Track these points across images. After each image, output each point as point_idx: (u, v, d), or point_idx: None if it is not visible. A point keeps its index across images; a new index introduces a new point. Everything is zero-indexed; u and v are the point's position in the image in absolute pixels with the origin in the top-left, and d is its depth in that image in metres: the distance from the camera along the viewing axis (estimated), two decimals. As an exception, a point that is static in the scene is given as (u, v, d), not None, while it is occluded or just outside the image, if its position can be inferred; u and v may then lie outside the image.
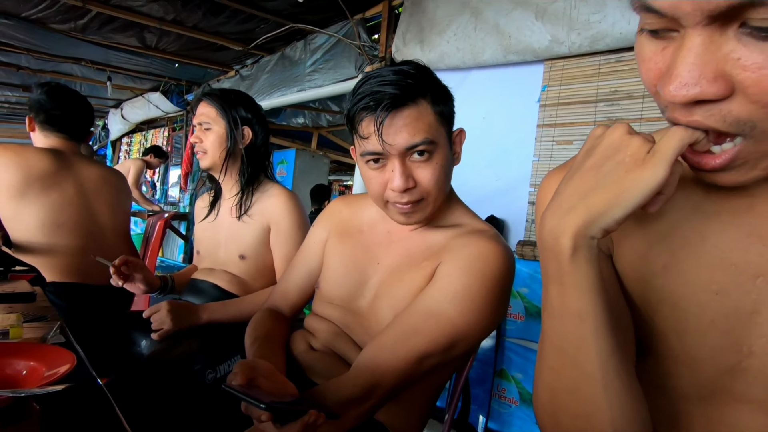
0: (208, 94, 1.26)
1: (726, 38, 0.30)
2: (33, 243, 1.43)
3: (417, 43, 2.24)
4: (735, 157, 0.34)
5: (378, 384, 0.68)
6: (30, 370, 0.43)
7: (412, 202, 0.72)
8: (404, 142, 0.68)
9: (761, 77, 0.29)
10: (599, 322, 0.39)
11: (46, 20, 2.79)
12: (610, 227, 0.37)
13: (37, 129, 1.55)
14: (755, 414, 0.41)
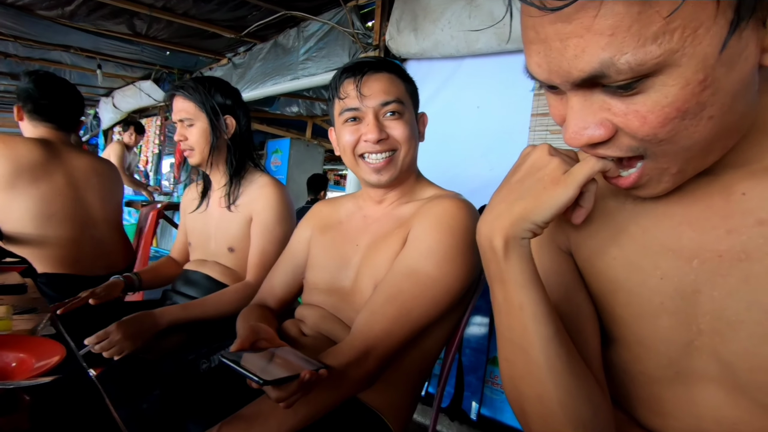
0: (182, 87, 1.21)
1: (596, 94, 0.36)
2: (24, 234, 1.42)
3: (411, 31, 2.21)
4: (639, 178, 0.40)
5: (373, 346, 0.70)
6: (19, 362, 0.43)
7: (384, 151, 0.82)
8: (380, 98, 0.81)
9: (627, 120, 0.36)
10: (538, 310, 0.44)
11: (32, 6, 2.73)
12: (533, 230, 0.43)
13: (25, 118, 1.53)
14: (714, 390, 0.43)
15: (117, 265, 1.63)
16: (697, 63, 0.32)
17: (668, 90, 0.33)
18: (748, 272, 0.40)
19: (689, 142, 0.36)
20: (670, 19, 0.30)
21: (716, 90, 0.33)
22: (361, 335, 0.71)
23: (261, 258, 1.19)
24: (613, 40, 0.31)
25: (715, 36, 0.31)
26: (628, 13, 0.30)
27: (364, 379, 0.71)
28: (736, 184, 0.41)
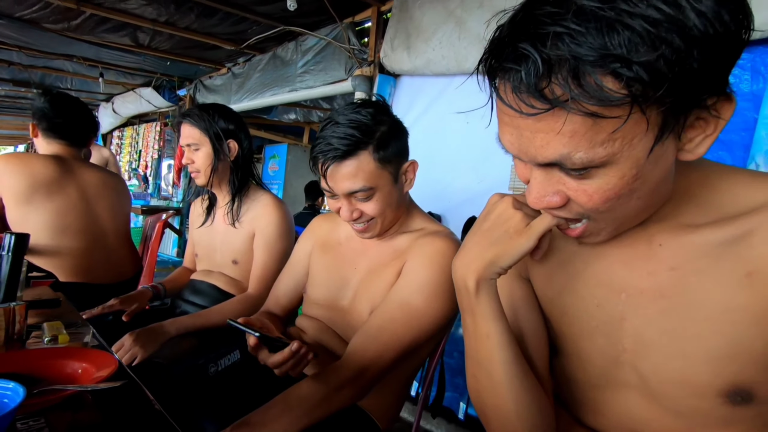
0: (189, 115, 1.32)
1: (555, 172, 0.45)
2: (40, 246, 1.52)
3: (404, 50, 2.33)
4: (583, 231, 0.50)
5: (367, 367, 0.82)
6: (84, 369, 0.54)
7: (362, 222, 0.89)
8: (345, 188, 0.84)
9: (578, 195, 0.45)
10: (501, 339, 0.54)
11: (39, 20, 2.82)
12: (500, 272, 0.53)
13: (40, 135, 1.63)
14: (635, 396, 0.55)
15: (126, 273, 1.74)
16: (632, 162, 0.41)
17: (609, 179, 0.42)
18: (662, 307, 0.51)
19: (622, 213, 0.47)
20: (612, 135, 0.39)
21: (644, 181, 0.43)
22: (357, 357, 0.81)
23: (263, 271, 1.29)
24: (571, 141, 0.39)
25: (645, 144, 0.40)
26: (584, 124, 0.38)
27: (358, 394, 0.83)
28: (657, 235, 0.51)
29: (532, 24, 0.37)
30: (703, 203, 0.50)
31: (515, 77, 0.39)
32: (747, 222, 0.46)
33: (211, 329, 1.23)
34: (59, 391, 0.49)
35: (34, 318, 0.78)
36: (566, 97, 0.37)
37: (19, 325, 0.64)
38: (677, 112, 0.39)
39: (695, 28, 0.35)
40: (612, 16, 0.35)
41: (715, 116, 0.42)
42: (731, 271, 0.46)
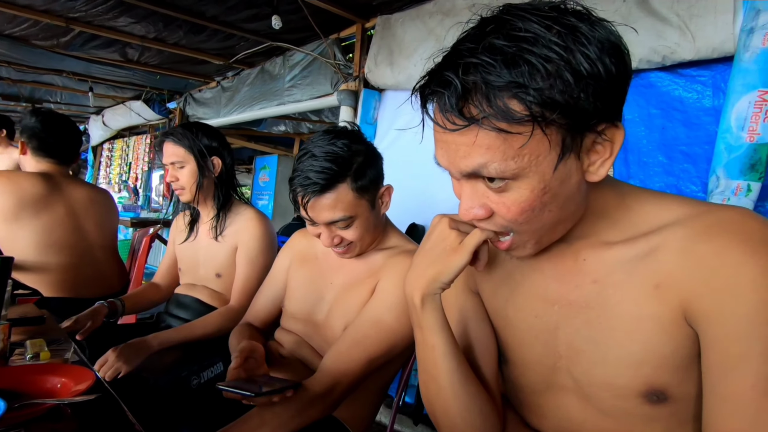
0: (172, 134, 1.35)
1: (480, 185, 0.51)
2: (27, 262, 1.55)
3: (387, 66, 2.40)
4: (510, 245, 0.55)
5: (339, 382, 0.86)
6: (63, 384, 0.58)
7: (341, 248, 0.93)
8: (325, 219, 0.89)
9: (498, 207, 0.51)
10: (446, 349, 0.59)
11: (29, 37, 2.85)
12: (443, 287, 0.57)
13: (29, 153, 1.66)
14: (571, 399, 0.60)
15: (113, 287, 1.76)
16: (540, 177, 0.47)
17: (522, 192, 0.48)
18: (588, 316, 0.56)
19: (538, 225, 0.52)
20: (520, 150, 0.45)
21: (553, 195, 0.49)
22: (329, 372, 0.86)
23: (244, 284, 1.33)
24: (487, 152, 0.46)
25: (550, 162, 0.47)
26: (497, 139, 0.45)
27: (330, 407, 0.87)
28: (581, 251, 0.57)
29: (456, 56, 0.46)
30: (619, 222, 0.56)
31: (441, 99, 0.46)
32: (655, 239, 0.52)
33: (195, 342, 1.26)
34: (39, 404, 0.53)
35: (19, 335, 0.81)
36: (480, 116, 0.44)
37: (2, 343, 0.67)
38: (573, 135, 0.46)
39: (582, 67, 0.43)
40: (515, 52, 0.43)
41: (608, 141, 0.49)
42: (642, 283, 0.52)
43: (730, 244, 0.47)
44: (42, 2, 2.37)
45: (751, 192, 1.36)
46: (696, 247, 0.49)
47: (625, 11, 1.62)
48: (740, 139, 1.36)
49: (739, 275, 0.45)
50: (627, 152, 1.74)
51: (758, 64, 1.32)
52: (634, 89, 1.74)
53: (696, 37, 1.48)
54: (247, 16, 2.51)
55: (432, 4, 2.23)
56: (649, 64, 1.61)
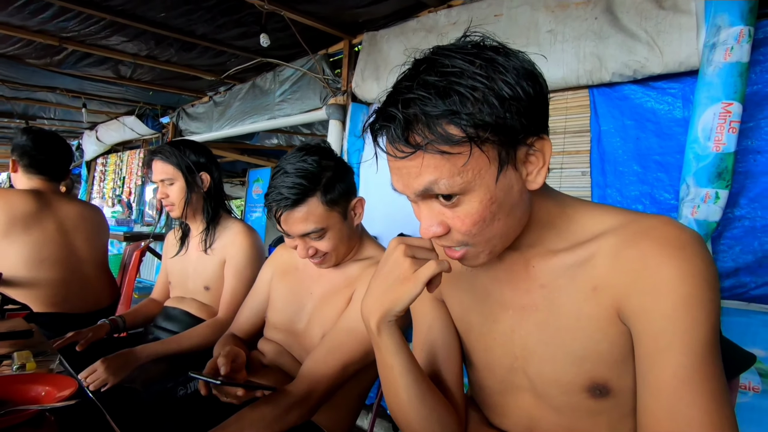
0: (160, 152, 1.39)
1: (435, 204, 0.55)
2: (18, 278, 1.57)
3: (374, 81, 2.46)
4: (464, 254, 0.58)
5: (314, 389, 0.89)
6: (47, 392, 0.61)
7: (317, 258, 0.97)
8: (298, 231, 0.93)
9: (454, 222, 0.55)
10: (403, 369, 0.63)
11: (22, 56, 2.90)
12: (397, 315, 0.60)
13: (20, 171, 1.69)
14: (528, 398, 0.65)
15: (103, 302, 1.78)
16: (485, 189, 0.52)
17: (473, 204, 0.53)
18: (537, 319, 0.61)
19: (490, 234, 0.56)
20: (463, 168, 0.51)
21: (500, 205, 0.53)
22: (306, 380, 0.89)
23: (232, 297, 1.36)
24: (434, 171, 0.51)
25: (491, 175, 0.52)
26: (441, 159, 0.50)
27: (308, 412, 0.90)
28: (531, 258, 0.62)
29: (396, 94, 0.52)
30: (562, 231, 0.61)
31: (388, 132, 0.52)
32: (592, 246, 0.57)
33: (182, 354, 1.28)
34: (22, 410, 0.56)
35: (6, 348, 0.84)
36: (424, 143, 0.50)
37: (-10, 355, 0.70)
38: (507, 149, 0.52)
39: (504, 92, 0.49)
40: (446, 85, 0.49)
41: (539, 152, 0.54)
42: (582, 286, 0.56)
43: (652, 248, 0.52)
44: (36, 23, 2.43)
45: (719, 199, 1.42)
46: (624, 252, 0.54)
47: (597, 28, 1.70)
48: (707, 149, 1.42)
49: (659, 276, 0.50)
50: (604, 162, 1.80)
51: (721, 77, 1.39)
52: (610, 101, 1.81)
53: (663, 52, 1.55)
54: (236, 34, 2.58)
55: (415, 21, 2.30)
56: (621, 78, 1.68)
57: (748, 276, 1.51)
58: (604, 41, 1.68)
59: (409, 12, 2.31)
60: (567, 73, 1.78)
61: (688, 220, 1.45)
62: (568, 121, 1.90)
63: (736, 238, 1.53)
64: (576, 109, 1.88)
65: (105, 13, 2.30)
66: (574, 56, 1.75)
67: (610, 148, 1.79)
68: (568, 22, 1.77)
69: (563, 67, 1.78)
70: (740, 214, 1.53)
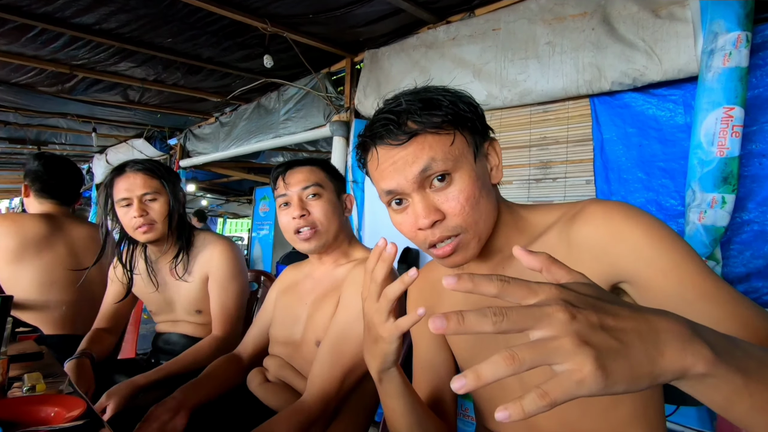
0: (140, 164, 1.29)
1: (428, 193, 0.61)
2: (29, 301, 1.59)
3: (376, 97, 2.50)
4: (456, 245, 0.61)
5: (329, 403, 0.90)
6: (56, 413, 0.62)
7: (307, 226, 1.00)
8: (300, 183, 1.01)
9: (449, 203, 0.60)
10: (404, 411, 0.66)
11: (35, 84, 3.00)
12: (390, 366, 0.62)
13: (32, 195, 1.73)
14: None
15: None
16: (470, 167, 0.61)
17: (464, 180, 0.60)
18: None
19: (478, 215, 0.60)
20: (452, 147, 0.60)
21: (482, 183, 0.61)
22: (319, 395, 0.88)
23: (222, 312, 1.31)
24: (429, 150, 0.59)
25: (471, 156, 0.61)
26: (434, 139, 0.59)
27: (327, 423, 0.90)
28: (498, 264, 0.67)
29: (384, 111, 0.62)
30: (521, 230, 0.66)
31: (386, 129, 0.60)
32: (546, 238, 0.64)
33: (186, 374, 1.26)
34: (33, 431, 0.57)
35: (18, 370, 0.84)
36: (417, 127, 0.59)
37: (1, 377, 0.71)
38: (476, 139, 0.62)
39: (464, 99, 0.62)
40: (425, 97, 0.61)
41: (494, 151, 0.65)
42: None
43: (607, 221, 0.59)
44: (48, 52, 2.51)
45: (726, 204, 1.41)
46: (578, 231, 0.60)
47: (594, 38, 1.72)
48: (711, 154, 1.42)
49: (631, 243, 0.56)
50: (607, 170, 1.80)
51: (721, 82, 1.39)
52: (611, 110, 1.82)
53: (662, 60, 1.57)
54: (240, 56, 2.65)
55: (415, 38, 2.35)
56: (621, 86, 1.69)
57: (760, 281, 1.48)
58: (602, 51, 1.69)
59: (409, 29, 2.36)
60: (567, 83, 1.79)
61: (695, 226, 1.44)
62: (570, 131, 1.91)
63: (746, 243, 1.51)
64: (577, 119, 1.89)
65: (114, 40, 2.37)
66: (573, 67, 1.77)
67: (613, 156, 1.79)
68: (566, 34, 1.79)
69: (563, 78, 1.80)
70: (749, 218, 1.51)
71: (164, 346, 1.42)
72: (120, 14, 2.12)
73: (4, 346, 0.74)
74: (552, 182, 1.94)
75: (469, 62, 2.08)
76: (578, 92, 1.79)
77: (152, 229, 1.26)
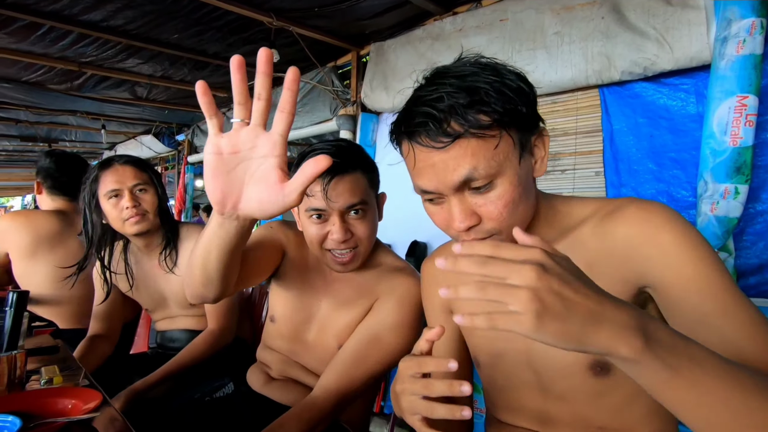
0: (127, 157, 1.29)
1: (466, 195, 0.57)
2: (44, 296, 1.62)
3: (383, 90, 2.49)
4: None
5: (341, 404, 0.88)
6: (73, 405, 0.63)
7: (349, 248, 0.88)
8: (345, 202, 0.85)
9: (487, 208, 0.57)
10: None
11: (44, 82, 3.03)
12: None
13: (44, 192, 1.75)
14: (535, 392, 0.66)
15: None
16: (513, 171, 0.56)
17: (505, 186, 0.56)
18: None
19: (515, 219, 0.58)
20: (496, 151, 0.55)
21: (524, 187, 0.58)
22: (332, 395, 0.87)
23: (215, 305, 1.28)
24: (473, 158, 0.54)
25: (515, 158, 0.56)
26: (478, 145, 0.54)
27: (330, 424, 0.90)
28: None
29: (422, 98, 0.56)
30: (550, 222, 0.65)
31: (426, 128, 0.55)
32: (579, 231, 0.62)
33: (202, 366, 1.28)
34: (51, 423, 0.58)
35: (35, 363, 0.86)
36: (462, 130, 0.54)
37: (19, 370, 0.73)
38: (523, 135, 0.57)
39: (513, 84, 0.56)
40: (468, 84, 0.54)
41: (542, 142, 0.60)
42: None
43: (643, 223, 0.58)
44: (56, 50, 2.53)
45: (739, 194, 1.39)
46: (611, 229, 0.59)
47: (603, 27, 1.69)
48: (724, 144, 1.39)
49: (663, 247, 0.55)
50: (617, 161, 1.78)
51: (734, 71, 1.37)
52: (621, 100, 1.79)
53: (673, 48, 1.54)
54: (246, 51, 2.64)
55: (422, 30, 2.33)
56: (631, 76, 1.67)
57: (773, 272, 1.46)
58: (611, 40, 1.67)
59: (415, 21, 2.34)
60: (576, 73, 1.77)
61: (707, 217, 1.42)
62: (579, 122, 1.89)
63: (759, 234, 1.49)
64: (587, 109, 1.86)
65: (121, 37, 2.39)
66: (582, 57, 1.74)
67: (623, 147, 1.76)
68: (575, 24, 1.77)
69: (571, 68, 1.78)
70: (762, 209, 1.49)
71: (170, 344, 1.42)
72: (126, 11, 2.13)
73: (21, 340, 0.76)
74: (561, 174, 1.92)
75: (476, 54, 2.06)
76: (587, 82, 1.77)
77: (144, 220, 1.25)
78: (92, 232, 1.32)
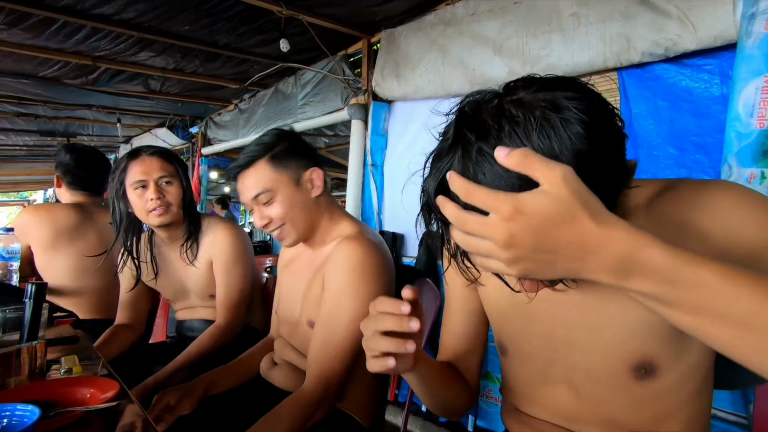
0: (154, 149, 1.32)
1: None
2: (64, 287, 1.66)
3: (394, 78, 2.46)
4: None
5: (329, 384, 0.90)
6: (92, 394, 0.64)
7: (275, 229, 0.97)
8: (249, 195, 0.95)
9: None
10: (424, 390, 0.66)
11: (60, 77, 3.07)
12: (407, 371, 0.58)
13: (63, 186, 1.79)
14: (564, 389, 0.63)
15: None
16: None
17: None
18: (582, 306, 0.59)
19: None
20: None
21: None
22: (318, 378, 0.89)
23: (227, 298, 1.32)
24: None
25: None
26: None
27: (330, 404, 0.91)
28: None
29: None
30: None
31: None
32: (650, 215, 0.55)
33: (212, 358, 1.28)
34: (70, 412, 0.59)
35: (55, 353, 0.89)
36: None
37: (40, 360, 0.74)
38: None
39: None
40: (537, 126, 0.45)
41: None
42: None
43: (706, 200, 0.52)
44: (71, 44, 2.56)
45: (766, 179, 1.33)
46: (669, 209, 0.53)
47: (622, 7, 1.62)
48: (750, 126, 1.34)
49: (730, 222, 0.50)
50: (637, 147, 1.73)
51: (762, 49, 1.30)
52: (641, 83, 1.73)
53: (697, 27, 1.47)
54: (257, 41, 2.63)
55: (433, 15, 2.28)
56: (651, 57, 1.61)
57: (801, 260, 1.41)
58: (631, 21, 1.60)
59: (426, 6, 2.29)
60: (593, 56, 1.71)
61: (731, 203, 1.37)
62: (596, 107, 1.83)
63: (787, 220, 1.43)
64: (605, 93, 1.74)
65: (133, 30, 2.40)
66: (600, 39, 1.68)
67: (642, 131, 1.71)
68: (592, 5, 1.71)
69: (589, 51, 1.72)
70: (790, 194, 1.43)
71: (188, 333, 1.45)
72: (138, 4, 2.13)
73: (42, 330, 0.78)
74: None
75: (490, 39, 2.01)
76: (605, 65, 1.71)
77: (167, 212, 1.26)
78: (120, 221, 1.35)
